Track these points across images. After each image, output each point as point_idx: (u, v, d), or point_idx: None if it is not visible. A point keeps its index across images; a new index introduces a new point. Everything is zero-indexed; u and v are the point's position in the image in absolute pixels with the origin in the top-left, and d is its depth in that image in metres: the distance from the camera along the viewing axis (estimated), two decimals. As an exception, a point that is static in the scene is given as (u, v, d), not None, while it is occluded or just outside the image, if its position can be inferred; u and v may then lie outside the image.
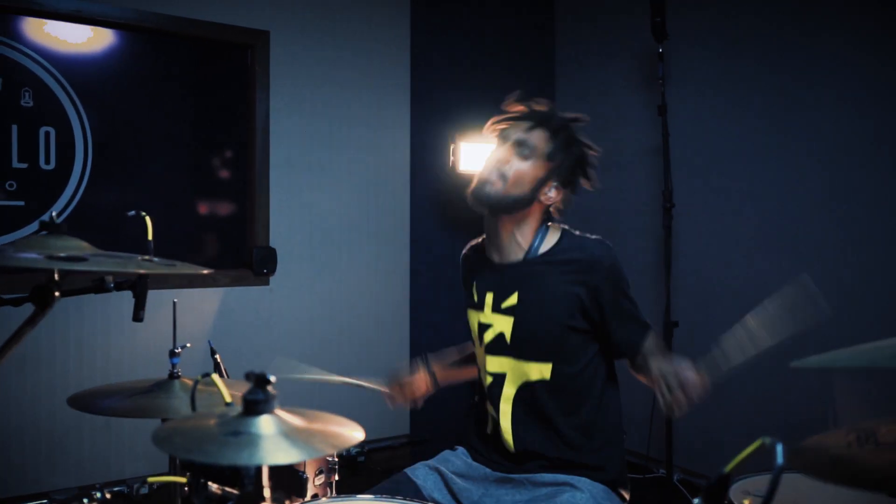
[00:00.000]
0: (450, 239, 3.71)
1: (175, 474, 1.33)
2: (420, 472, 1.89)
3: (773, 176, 3.07)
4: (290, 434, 0.86)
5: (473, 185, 1.84)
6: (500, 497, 1.81)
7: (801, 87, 2.98)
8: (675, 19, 3.17)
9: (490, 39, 4.05)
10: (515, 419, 1.84)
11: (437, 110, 3.87)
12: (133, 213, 1.77)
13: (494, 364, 1.86)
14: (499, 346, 1.85)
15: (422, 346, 3.36)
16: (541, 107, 1.89)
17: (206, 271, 1.34)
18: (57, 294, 1.31)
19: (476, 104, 3.72)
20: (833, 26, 2.89)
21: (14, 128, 3.03)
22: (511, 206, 1.80)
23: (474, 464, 1.92)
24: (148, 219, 1.73)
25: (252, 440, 0.83)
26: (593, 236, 1.87)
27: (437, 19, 3.92)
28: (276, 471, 1.86)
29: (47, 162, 3.10)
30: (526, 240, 1.84)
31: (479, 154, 3.52)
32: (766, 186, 3.09)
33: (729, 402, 3.08)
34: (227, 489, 1.23)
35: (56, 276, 1.32)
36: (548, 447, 1.82)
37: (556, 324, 1.80)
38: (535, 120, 1.82)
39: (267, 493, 0.94)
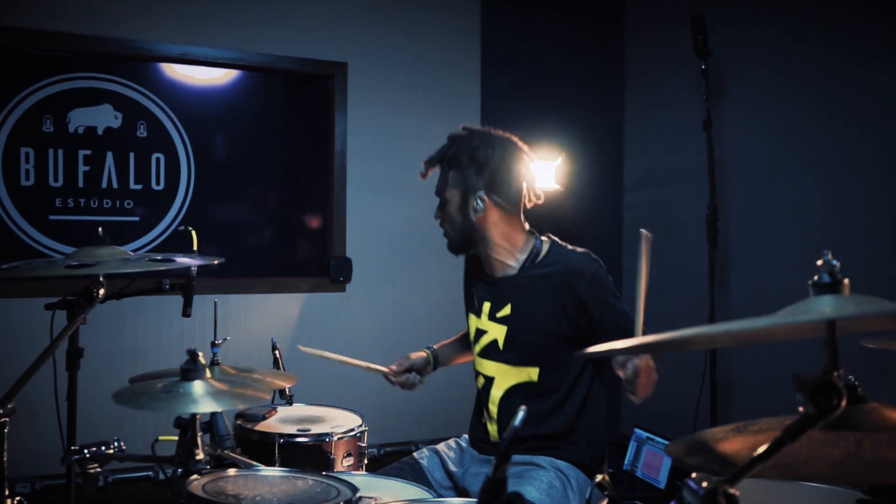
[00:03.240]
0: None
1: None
2: (424, 455, 2.15)
3: (823, 188, 3.07)
4: (211, 394, 1.15)
5: None
6: (479, 474, 2.03)
7: (848, 100, 2.97)
8: (720, 35, 3.24)
9: (557, 65, 4.22)
10: (501, 418, 2.05)
11: (506, 129, 4.09)
12: (182, 227, 2.15)
13: (486, 367, 2.08)
14: (492, 352, 2.06)
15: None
16: (466, 129, 2.11)
17: (193, 263, 1.66)
18: (101, 292, 1.69)
19: (541, 124, 3.94)
20: (879, 43, 2.87)
21: (131, 155, 3.57)
22: (464, 242, 2.05)
23: (469, 448, 2.16)
24: (193, 232, 2.09)
25: (179, 396, 1.13)
26: (580, 249, 2.05)
27: (506, 45, 4.16)
28: (290, 447, 2.17)
29: (157, 183, 3.62)
30: (517, 254, 2.05)
31: (543, 171, 3.70)
32: (812, 198, 3.09)
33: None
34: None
35: (101, 279, 1.70)
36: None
37: (545, 332, 2.00)
38: (428, 167, 2.06)
39: (199, 441, 1.23)
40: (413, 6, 3.98)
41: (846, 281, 0.88)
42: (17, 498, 1.70)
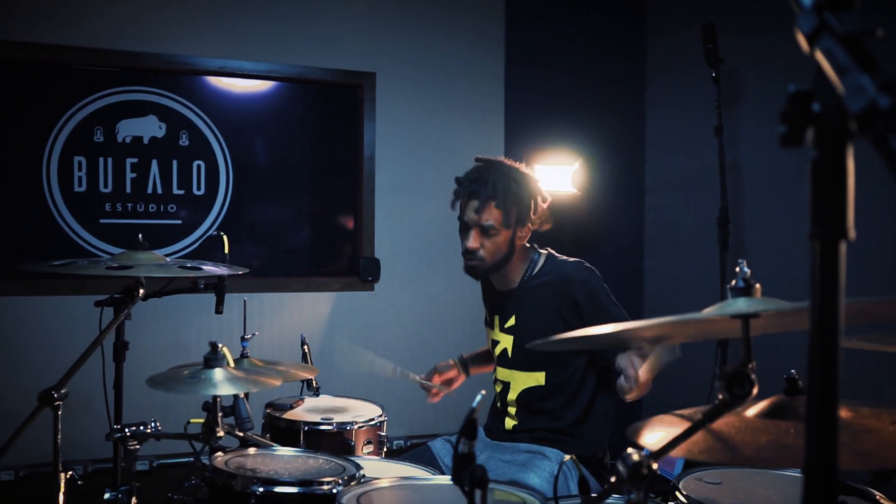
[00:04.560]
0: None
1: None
2: (437, 443, 2.34)
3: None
4: (229, 379, 1.35)
5: (464, 261, 2.20)
6: (491, 458, 2.21)
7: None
8: (733, 42, 3.33)
9: (580, 71, 4.34)
10: (519, 417, 2.24)
11: (528, 136, 4.24)
12: (216, 233, 2.35)
13: (502, 374, 2.29)
14: (504, 360, 2.26)
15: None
16: (483, 160, 2.23)
17: (218, 272, 1.85)
18: (141, 292, 1.90)
19: (564, 129, 4.08)
20: (887, 46, 2.93)
21: (174, 163, 3.82)
22: (499, 268, 2.20)
23: (483, 437, 2.34)
24: (225, 238, 2.30)
25: (201, 381, 1.33)
26: (572, 259, 2.22)
27: (530, 52, 4.30)
28: (314, 434, 2.36)
29: (198, 189, 3.86)
30: (519, 270, 2.23)
31: (556, 176, 3.84)
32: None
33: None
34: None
35: (142, 280, 1.91)
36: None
37: (546, 339, 2.17)
38: (482, 197, 2.11)
39: (219, 421, 1.42)
40: (438, 17, 4.15)
41: (758, 286, 1.02)
42: (69, 472, 1.92)
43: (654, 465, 0.98)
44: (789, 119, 0.56)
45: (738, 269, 1.03)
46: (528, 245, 2.23)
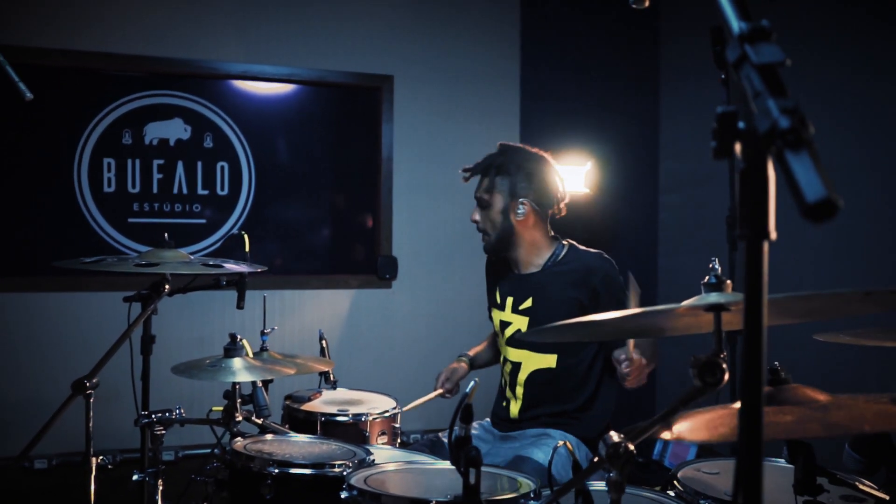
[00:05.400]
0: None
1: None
2: (447, 434, 2.44)
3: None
4: (246, 368, 1.46)
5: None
6: (500, 449, 2.31)
7: (859, 107, 3.09)
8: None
9: (595, 73, 4.41)
10: (525, 398, 2.33)
11: (542, 136, 4.32)
12: (237, 232, 2.47)
13: (513, 354, 2.37)
14: (517, 340, 2.35)
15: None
16: (503, 146, 2.38)
17: (239, 269, 1.96)
18: (167, 288, 2.01)
19: (578, 129, 4.15)
20: (891, 51, 2.99)
21: (199, 164, 3.96)
22: (504, 244, 2.32)
23: (492, 428, 2.44)
24: (246, 237, 2.41)
25: (221, 369, 1.44)
26: (594, 250, 2.33)
27: (545, 57, 4.38)
28: (330, 424, 2.47)
29: (222, 189, 4.00)
30: (542, 256, 2.34)
31: (569, 175, 3.91)
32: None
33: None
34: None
35: (168, 277, 2.03)
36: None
37: (544, 326, 2.27)
38: (480, 172, 2.31)
39: (238, 406, 1.54)
40: (454, 22, 4.25)
41: (728, 282, 1.11)
42: (100, 457, 2.05)
43: (631, 446, 1.06)
44: (718, 136, 0.64)
45: (710, 266, 1.11)
46: (552, 234, 2.34)
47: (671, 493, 1.72)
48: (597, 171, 3.96)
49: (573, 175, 3.89)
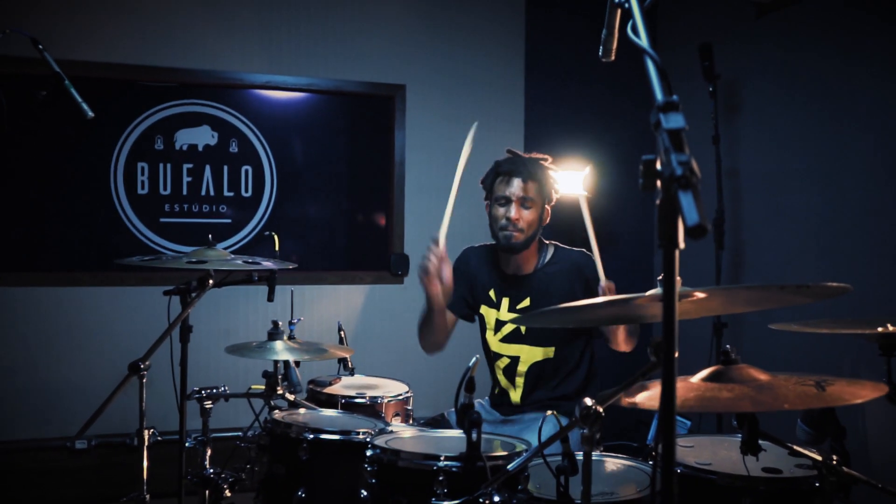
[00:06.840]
0: (551, 248, 4.44)
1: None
2: (453, 413, 2.72)
3: (822, 197, 3.45)
4: (287, 349, 1.75)
5: (499, 238, 2.56)
6: (502, 431, 2.58)
7: (849, 113, 3.33)
8: (731, 54, 3.64)
9: (596, 82, 4.67)
10: (526, 387, 2.61)
11: (544, 141, 4.60)
12: (267, 233, 2.75)
13: (510, 350, 2.64)
14: (515, 337, 2.62)
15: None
16: (514, 152, 2.63)
17: (274, 266, 2.25)
18: (210, 282, 2.30)
19: (578, 135, 4.42)
20: (882, 53, 3.17)
21: (225, 168, 4.26)
22: (528, 243, 2.56)
23: (492, 409, 2.72)
24: (276, 237, 2.69)
25: (267, 349, 1.73)
26: (576, 249, 2.60)
27: (549, 67, 4.65)
28: (349, 406, 2.75)
29: (246, 191, 4.30)
30: (534, 258, 2.61)
31: (568, 179, 4.18)
32: (816, 206, 3.48)
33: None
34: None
35: (212, 272, 2.31)
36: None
37: (530, 313, 2.54)
38: (523, 176, 2.53)
39: (279, 381, 1.83)
40: (463, 33, 4.53)
41: (678, 278, 1.38)
42: (151, 429, 2.34)
43: (601, 409, 1.35)
44: (643, 175, 0.93)
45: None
46: (539, 238, 2.61)
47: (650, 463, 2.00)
48: (594, 174, 4.21)
49: (572, 179, 4.16)
